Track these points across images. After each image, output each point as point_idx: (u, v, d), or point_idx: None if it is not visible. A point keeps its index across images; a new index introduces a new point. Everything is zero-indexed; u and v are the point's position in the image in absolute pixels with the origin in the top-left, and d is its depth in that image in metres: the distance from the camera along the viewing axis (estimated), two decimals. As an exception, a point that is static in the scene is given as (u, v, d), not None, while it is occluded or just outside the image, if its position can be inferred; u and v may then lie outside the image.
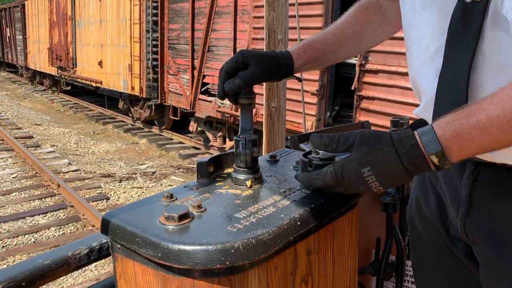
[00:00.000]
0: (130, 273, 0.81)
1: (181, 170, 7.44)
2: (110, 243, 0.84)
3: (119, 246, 0.81)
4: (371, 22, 1.15)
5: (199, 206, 0.81)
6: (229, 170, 1.01)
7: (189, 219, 0.77)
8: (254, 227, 0.75)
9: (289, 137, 1.43)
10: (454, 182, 0.92)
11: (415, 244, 1.12)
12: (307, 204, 0.85)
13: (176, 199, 0.87)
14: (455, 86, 0.80)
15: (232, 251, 0.69)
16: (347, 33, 1.15)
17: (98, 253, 0.88)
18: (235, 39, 6.93)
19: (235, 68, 1.00)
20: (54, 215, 5.46)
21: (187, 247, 0.69)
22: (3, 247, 4.60)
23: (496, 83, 0.75)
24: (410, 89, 4.64)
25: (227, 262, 0.69)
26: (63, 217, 5.39)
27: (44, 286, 0.81)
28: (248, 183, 0.93)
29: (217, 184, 0.95)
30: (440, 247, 1.02)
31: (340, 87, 6.08)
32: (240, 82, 0.98)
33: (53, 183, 6.35)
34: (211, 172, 0.98)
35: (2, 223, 5.14)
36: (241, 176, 0.95)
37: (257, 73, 1.00)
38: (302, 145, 1.18)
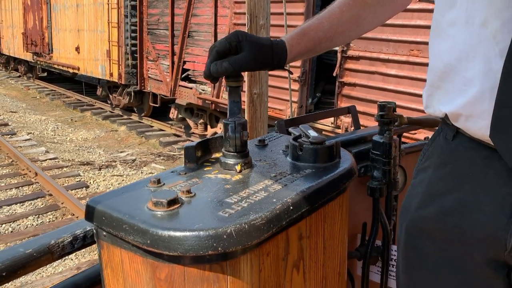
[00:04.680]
0: (117, 261, 0.78)
1: (161, 157, 7.36)
2: (95, 231, 0.81)
3: (105, 233, 0.78)
4: (371, 5, 1.08)
5: (188, 191, 0.79)
6: (217, 155, 0.98)
7: (179, 205, 0.74)
8: (246, 212, 0.73)
9: (275, 122, 1.41)
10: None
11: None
12: (299, 188, 0.83)
13: (164, 184, 0.84)
14: None
15: (225, 236, 0.67)
16: (344, 18, 1.07)
17: (83, 241, 0.85)
18: (216, 25, 6.83)
19: (227, 49, 0.95)
20: (32, 204, 5.35)
21: (178, 233, 0.67)
22: (-21, 237, 4.49)
23: None
24: (391, 75, 4.71)
25: (219, 248, 0.67)
26: (41, 206, 5.28)
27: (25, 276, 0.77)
28: (238, 167, 0.91)
29: (205, 169, 0.93)
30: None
31: (322, 74, 6.07)
32: (228, 66, 0.93)
33: (30, 171, 6.20)
34: (199, 157, 0.96)
35: (-23, 213, 5.01)
36: (230, 161, 0.92)
37: (248, 61, 0.96)
38: (291, 129, 1.16)
